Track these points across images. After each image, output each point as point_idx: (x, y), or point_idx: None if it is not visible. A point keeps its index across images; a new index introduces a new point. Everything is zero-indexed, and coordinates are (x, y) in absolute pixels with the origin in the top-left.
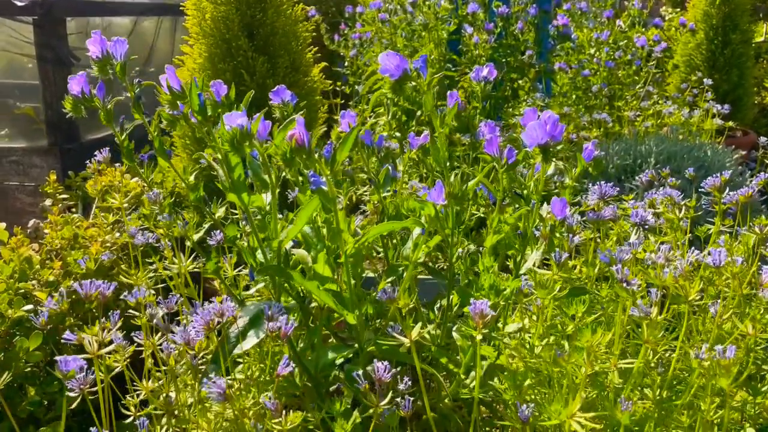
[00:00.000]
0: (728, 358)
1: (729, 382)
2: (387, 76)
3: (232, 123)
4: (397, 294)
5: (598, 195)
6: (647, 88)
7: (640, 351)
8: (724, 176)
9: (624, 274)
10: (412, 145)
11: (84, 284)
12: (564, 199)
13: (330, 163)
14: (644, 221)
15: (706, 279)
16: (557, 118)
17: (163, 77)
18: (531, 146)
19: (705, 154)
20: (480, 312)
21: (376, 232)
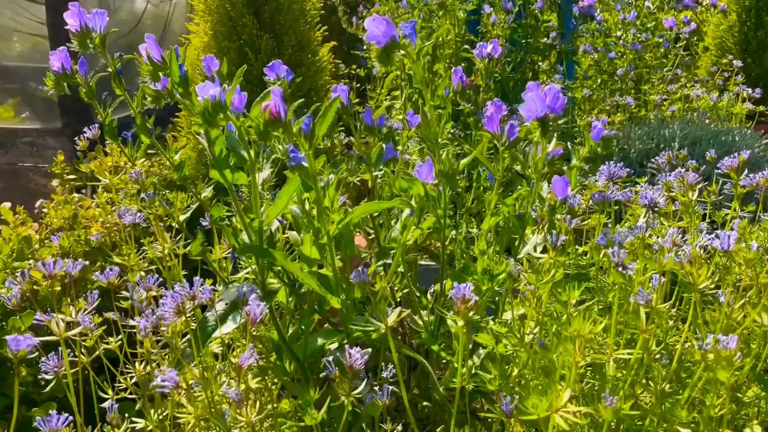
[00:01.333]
0: (729, 349)
1: (728, 375)
2: (374, 43)
3: (204, 94)
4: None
5: (606, 176)
6: (675, 71)
7: (638, 341)
8: (742, 156)
9: (620, 257)
10: (411, 124)
11: (47, 263)
12: (566, 178)
13: (309, 138)
14: (654, 203)
15: (722, 266)
16: (558, 90)
17: (143, 47)
18: (529, 119)
19: (732, 139)
20: (462, 297)
21: (360, 212)
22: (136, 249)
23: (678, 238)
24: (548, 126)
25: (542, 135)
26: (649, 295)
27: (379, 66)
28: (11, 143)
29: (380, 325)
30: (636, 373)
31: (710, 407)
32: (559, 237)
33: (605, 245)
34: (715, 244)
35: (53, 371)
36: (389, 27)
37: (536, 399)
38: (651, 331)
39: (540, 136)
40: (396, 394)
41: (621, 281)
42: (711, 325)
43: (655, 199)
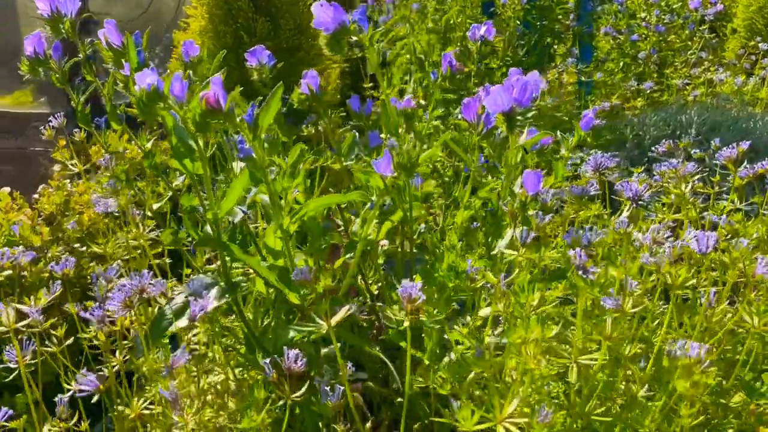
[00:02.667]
0: (691, 357)
1: (687, 385)
2: (321, 29)
3: (141, 82)
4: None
5: (592, 166)
6: (699, 54)
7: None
8: (741, 147)
9: (581, 260)
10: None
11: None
12: (538, 173)
13: (252, 128)
14: (638, 196)
15: (715, 265)
16: (527, 81)
17: (101, 32)
18: (494, 113)
19: (753, 126)
20: (408, 296)
21: (315, 205)
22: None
23: (660, 235)
24: (514, 120)
25: (508, 129)
26: (618, 300)
27: (329, 52)
28: (22, 128)
29: (322, 324)
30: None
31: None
32: (529, 234)
33: (570, 244)
34: (692, 246)
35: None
36: (338, 13)
37: (467, 411)
38: (618, 338)
39: (506, 131)
40: (371, 389)
41: (581, 285)
42: (688, 329)
43: (639, 192)
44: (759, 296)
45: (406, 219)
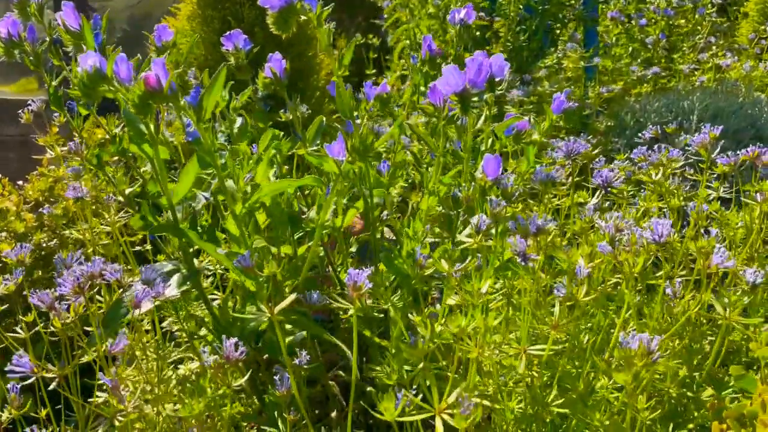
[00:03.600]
0: (633, 348)
1: (629, 378)
2: (267, 7)
3: (83, 64)
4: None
5: (564, 152)
6: (708, 38)
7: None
8: (713, 133)
9: (521, 247)
10: (368, 96)
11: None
12: (498, 157)
13: (197, 110)
14: (608, 183)
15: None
16: (481, 62)
17: (58, 14)
18: (447, 94)
19: (759, 112)
20: (353, 284)
21: (269, 190)
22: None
23: (622, 222)
24: (468, 102)
25: (462, 111)
26: (562, 288)
27: (277, 31)
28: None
29: (264, 313)
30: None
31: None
32: (486, 221)
33: (515, 231)
34: (647, 235)
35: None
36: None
37: (388, 402)
38: (565, 326)
39: (460, 113)
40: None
41: (521, 273)
42: (648, 320)
43: (609, 179)
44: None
45: (367, 206)
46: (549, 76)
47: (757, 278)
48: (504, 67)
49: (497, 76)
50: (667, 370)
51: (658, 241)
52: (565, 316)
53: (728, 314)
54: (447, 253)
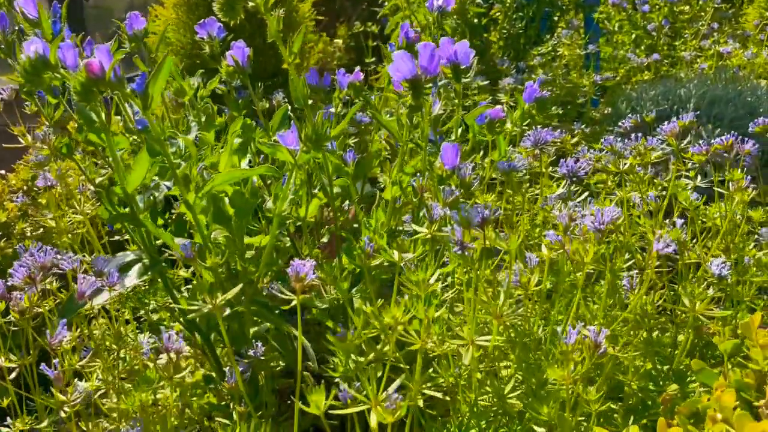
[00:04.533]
0: (568, 343)
1: (564, 374)
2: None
3: (27, 50)
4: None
5: (531, 141)
6: (711, 25)
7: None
8: (682, 121)
9: (457, 236)
10: (341, 84)
11: None
12: (456, 146)
13: (142, 98)
14: (573, 173)
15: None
16: (433, 47)
17: (16, 3)
18: (398, 80)
19: (757, 100)
20: (295, 274)
21: (222, 179)
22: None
23: (576, 212)
24: (420, 89)
25: (414, 99)
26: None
27: (224, 17)
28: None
29: (207, 305)
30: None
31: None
32: (438, 211)
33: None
34: (587, 222)
35: None
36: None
37: (317, 395)
38: (510, 317)
39: (411, 100)
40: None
41: (460, 261)
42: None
43: (574, 169)
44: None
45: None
46: (544, 64)
47: (722, 270)
48: (469, 54)
49: (462, 63)
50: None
51: (600, 229)
52: (511, 306)
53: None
54: (397, 242)
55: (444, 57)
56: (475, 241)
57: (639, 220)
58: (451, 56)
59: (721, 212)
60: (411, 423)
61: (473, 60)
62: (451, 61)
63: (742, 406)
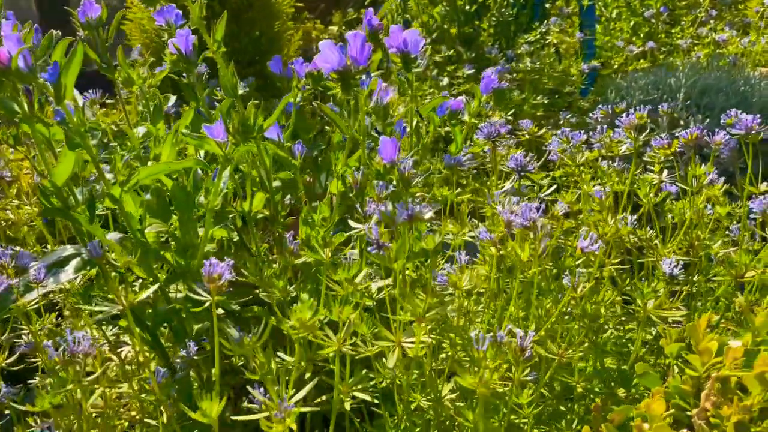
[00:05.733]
0: (481, 350)
1: (475, 381)
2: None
3: None
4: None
5: (484, 135)
6: (710, 12)
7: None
8: (639, 112)
9: (374, 235)
10: (298, 73)
11: None
12: (394, 140)
13: (55, 88)
14: (522, 167)
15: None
16: (364, 38)
17: None
18: (326, 72)
19: (750, 89)
20: (208, 275)
21: (147, 173)
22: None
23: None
24: (349, 80)
25: (343, 91)
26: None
27: (143, 5)
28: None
29: (115, 306)
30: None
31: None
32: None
33: (381, 219)
34: (513, 219)
35: None
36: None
37: (207, 403)
38: (431, 319)
39: (341, 92)
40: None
41: (377, 261)
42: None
43: (523, 163)
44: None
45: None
46: (532, 52)
47: (674, 269)
48: (419, 43)
49: (412, 52)
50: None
51: (524, 225)
52: (436, 305)
53: (648, 306)
54: (324, 238)
55: (393, 46)
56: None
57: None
58: (400, 45)
59: (683, 208)
60: (334, 424)
61: (422, 48)
62: (401, 50)
63: (679, 415)
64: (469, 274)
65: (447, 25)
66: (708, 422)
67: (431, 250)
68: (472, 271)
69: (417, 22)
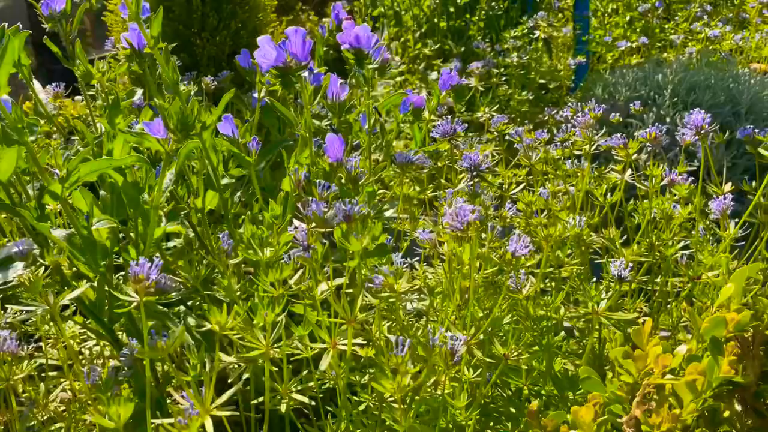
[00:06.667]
0: (398, 355)
1: (394, 386)
2: None
3: None
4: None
5: (440, 133)
6: (705, 6)
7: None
8: (594, 113)
9: (300, 236)
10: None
11: None
12: (341, 137)
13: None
14: (475, 166)
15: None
16: (305, 32)
17: None
18: (265, 69)
19: (740, 87)
20: (134, 276)
21: (87, 170)
22: None
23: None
24: (289, 77)
25: (283, 87)
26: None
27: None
28: None
29: (43, 305)
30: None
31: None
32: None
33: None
34: (447, 220)
35: None
36: None
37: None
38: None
39: (280, 87)
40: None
41: (304, 262)
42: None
43: (477, 162)
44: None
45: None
46: (519, 47)
47: (621, 272)
48: (371, 38)
49: (365, 48)
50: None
51: (460, 228)
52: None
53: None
54: (260, 238)
55: (346, 42)
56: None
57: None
58: (352, 41)
59: (643, 208)
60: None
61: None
62: (353, 46)
63: (615, 421)
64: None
65: (437, 19)
66: (638, 431)
67: (358, 252)
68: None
69: (408, 15)
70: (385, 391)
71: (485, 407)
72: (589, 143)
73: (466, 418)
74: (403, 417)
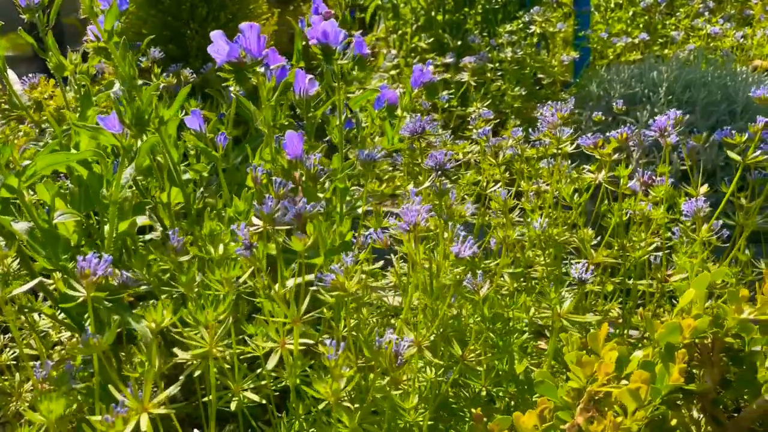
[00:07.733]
0: (332, 359)
1: (329, 390)
2: None
3: None
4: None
5: (409, 131)
6: (707, 2)
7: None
8: (561, 113)
9: (242, 233)
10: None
11: None
12: (300, 135)
13: None
14: (441, 166)
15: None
16: (258, 28)
17: None
18: (220, 63)
19: (736, 85)
20: (80, 271)
21: (44, 163)
22: None
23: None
24: (242, 72)
25: (237, 82)
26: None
27: None
28: None
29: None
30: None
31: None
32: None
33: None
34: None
35: None
36: None
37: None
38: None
39: (234, 83)
40: None
41: (244, 262)
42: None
43: (442, 161)
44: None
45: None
46: (514, 42)
47: (583, 274)
48: (339, 33)
49: (332, 44)
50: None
51: (408, 230)
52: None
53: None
54: (212, 235)
55: (313, 37)
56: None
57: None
58: (320, 37)
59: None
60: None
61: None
62: (321, 41)
63: (559, 428)
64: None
65: (434, 12)
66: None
67: (300, 252)
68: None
69: (407, 8)
70: (320, 396)
71: (447, 407)
72: (556, 144)
73: (415, 419)
74: (347, 418)
